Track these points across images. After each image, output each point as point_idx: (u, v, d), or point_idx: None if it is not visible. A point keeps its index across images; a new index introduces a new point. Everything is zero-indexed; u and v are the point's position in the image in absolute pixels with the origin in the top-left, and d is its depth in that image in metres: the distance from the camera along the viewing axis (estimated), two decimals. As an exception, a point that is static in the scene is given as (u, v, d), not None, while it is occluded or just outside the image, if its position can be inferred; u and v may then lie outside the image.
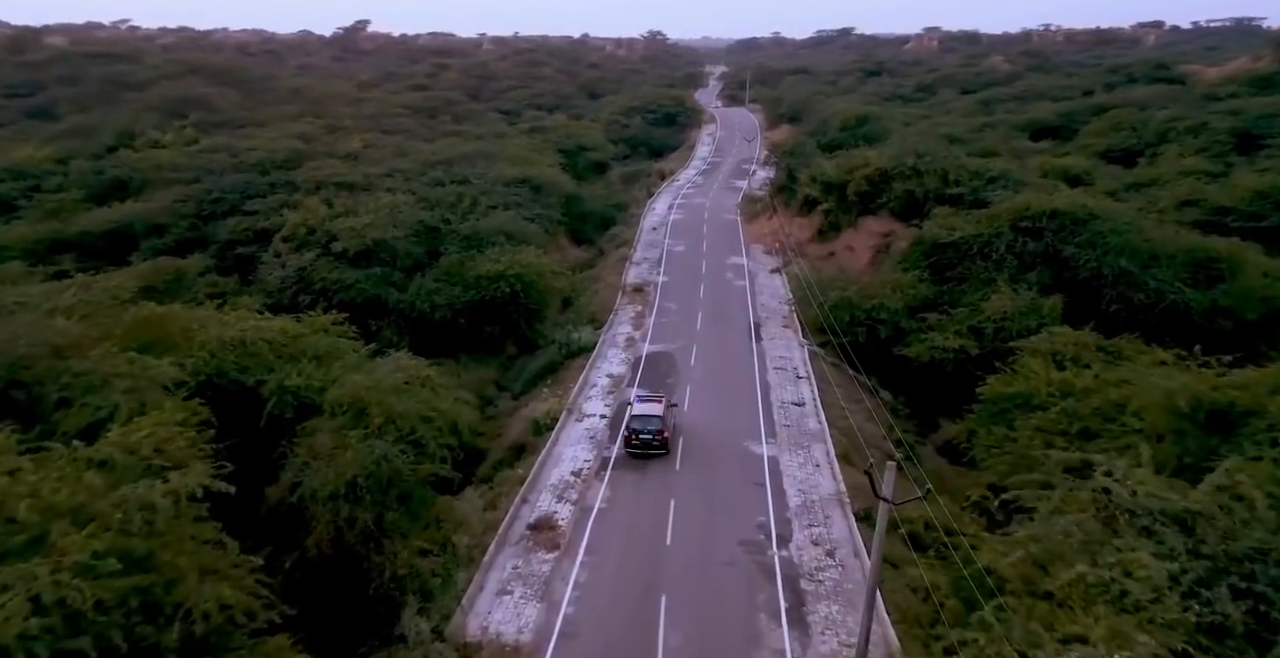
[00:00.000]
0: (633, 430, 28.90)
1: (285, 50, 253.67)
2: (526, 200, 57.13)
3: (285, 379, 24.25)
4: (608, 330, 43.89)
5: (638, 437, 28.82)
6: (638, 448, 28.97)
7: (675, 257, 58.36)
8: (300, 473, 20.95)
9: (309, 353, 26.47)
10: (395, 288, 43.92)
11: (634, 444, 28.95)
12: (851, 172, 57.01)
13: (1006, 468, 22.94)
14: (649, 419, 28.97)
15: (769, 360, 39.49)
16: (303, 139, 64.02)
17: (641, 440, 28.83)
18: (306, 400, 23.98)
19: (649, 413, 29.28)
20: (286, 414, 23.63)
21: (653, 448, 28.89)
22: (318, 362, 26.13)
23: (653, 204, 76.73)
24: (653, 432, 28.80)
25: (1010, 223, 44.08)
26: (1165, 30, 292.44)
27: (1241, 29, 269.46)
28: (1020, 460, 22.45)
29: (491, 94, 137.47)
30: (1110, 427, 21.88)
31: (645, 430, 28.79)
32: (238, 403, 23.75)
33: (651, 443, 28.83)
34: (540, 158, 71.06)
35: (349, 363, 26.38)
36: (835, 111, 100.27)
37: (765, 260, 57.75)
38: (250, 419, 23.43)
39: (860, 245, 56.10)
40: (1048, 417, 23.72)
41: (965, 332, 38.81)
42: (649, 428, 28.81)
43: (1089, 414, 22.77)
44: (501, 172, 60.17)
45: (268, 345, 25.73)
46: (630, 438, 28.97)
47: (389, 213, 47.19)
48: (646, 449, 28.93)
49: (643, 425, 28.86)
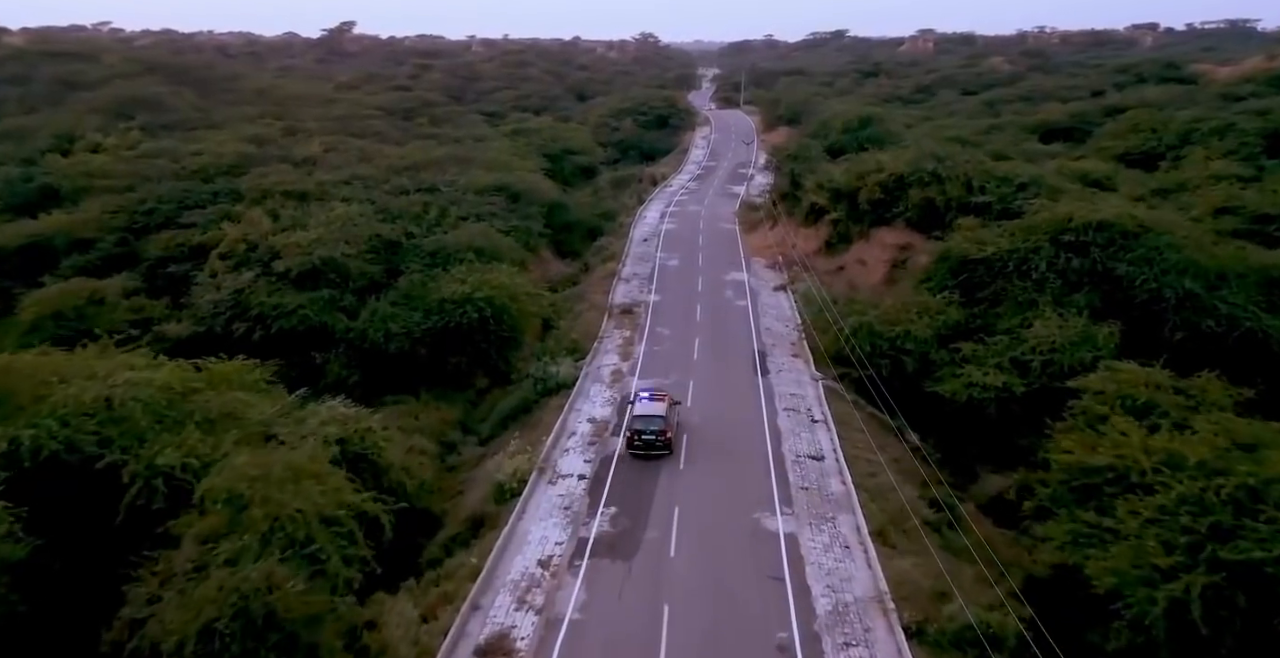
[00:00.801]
0: (635, 431, 28.24)
1: (268, 52, 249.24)
2: (503, 210, 51.34)
3: (157, 456, 18.42)
4: (591, 361, 38.15)
5: (640, 437, 28.16)
6: (640, 449, 28.27)
7: (668, 272, 52.66)
8: (143, 608, 15.05)
9: (200, 416, 20.61)
10: (345, 314, 38.05)
11: (636, 445, 28.27)
12: (863, 178, 51.50)
13: (1118, 580, 17.11)
14: (651, 419, 28.28)
15: (778, 399, 33.80)
16: (257, 142, 58.10)
17: (644, 441, 28.16)
18: (182, 485, 18.14)
19: (652, 413, 28.56)
20: (155, 506, 17.78)
21: (656, 448, 28.18)
22: (210, 427, 20.28)
23: (644, 212, 71.04)
24: (655, 432, 28.09)
25: (1050, 236, 38.58)
26: (1160, 32, 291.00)
27: (1236, 30, 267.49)
28: (1142, 572, 16.67)
29: (475, 95, 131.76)
30: (1259, 527, 16.28)
31: (648, 431, 28.10)
32: (90, 490, 17.91)
33: (655, 444, 28.15)
34: (521, 163, 65.35)
35: (249, 428, 20.49)
36: (836, 113, 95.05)
37: (768, 276, 52.10)
38: (105, 514, 17.58)
39: (873, 259, 50.56)
40: (1160, 503, 18.00)
41: (1007, 364, 33.26)
42: (652, 428, 28.11)
43: (1220, 505, 17.16)
44: (475, 178, 54.38)
45: (143, 407, 19.87)
46: (633, 439, 28.28)
47: (341, 226, 41.36)
48: (649, 450, 28.26)
49: (645, 426, 28.15)
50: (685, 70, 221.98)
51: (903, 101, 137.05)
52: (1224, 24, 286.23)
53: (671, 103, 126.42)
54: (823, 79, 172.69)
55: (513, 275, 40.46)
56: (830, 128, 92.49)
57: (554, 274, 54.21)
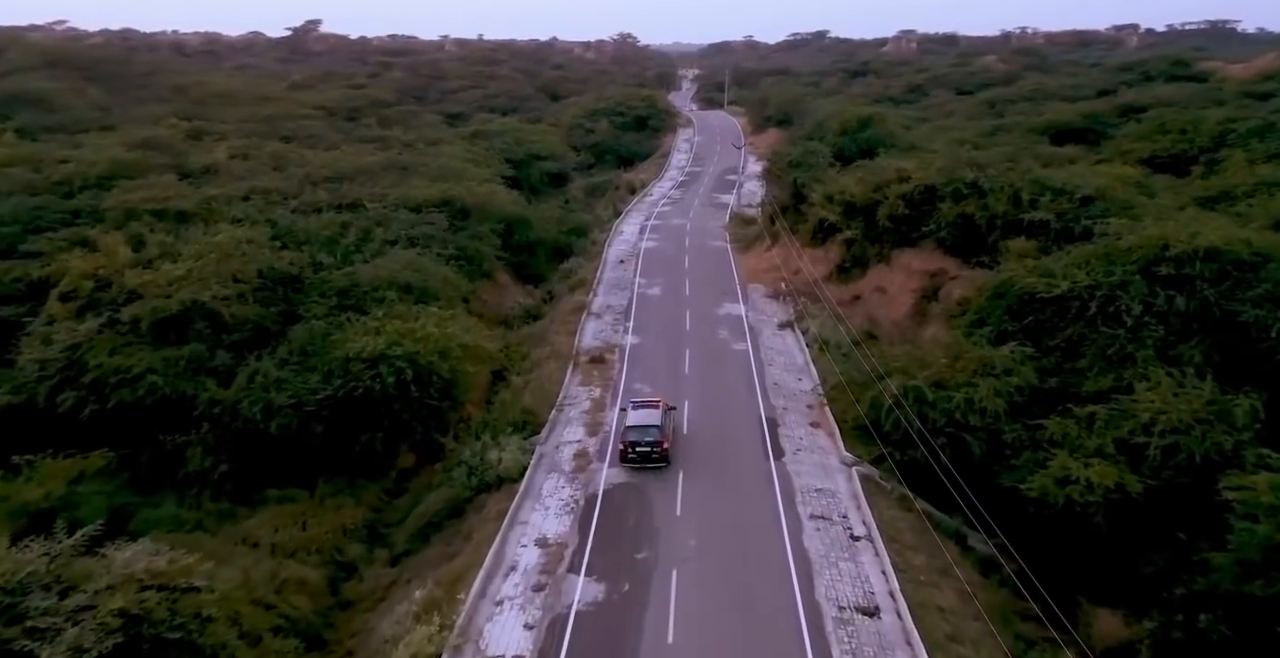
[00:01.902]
0: (629, 443, 26.23)
1: (230, 51, 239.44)
2: (445, 231, 41.78)
3: None
4: (547, 438, 28.79)
5: (634, 449, 26.17)
6: (635, 461, 26.27)
7: (649, 304, 43.36)
8: None
9: None
10: (215, 378, 28.32)
11: (631, 458, 26.28)
12: (882, 189, 42.59)
13: None
14: (646, 429, 26.21)
15: (801, 499, 24.63)
16: (149, 147, 48.15)
17: (639, 453, 26.14)
18: None
19: (646, 422, 26.40)
20: None
21: (651, 461, 26.14)
22: None
23: (620, 226, 61.80)
24: (651, 443, 26.09)
25: (1140, 267, 29.80)
26: (1142, 32, 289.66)
27: (1216, 31, 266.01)
28: None
29: (439, 95, 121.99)
30: None
31: (643, 442, 26.07)
32: None
33: (650, 456, 26.15)
34: (476, 170, 55.80)
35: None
36: (831, 113, 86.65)
37: (770, 309, 42.97)
38: None
39: (897, 287, 41.65)
40: None
41: (1110, 448, 24.38)
42: (647, 438, 26.09)
43: None
44: (414, 191, 44.68)
45: None
46: (626, 451, 26.27)
47: (223, 256, 31.61)
48: (645, 462, 26.18)
49: (640, 437, 26.12)
50: (665, 69, 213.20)
51: (894, 102, 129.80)
52: (1204, 25, 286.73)
53: (651, 103, 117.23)
54: (809, 79, 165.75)
55: (446, 322, 30.94)
56: (826, 129, 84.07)
57: (510, 306, 44.73)
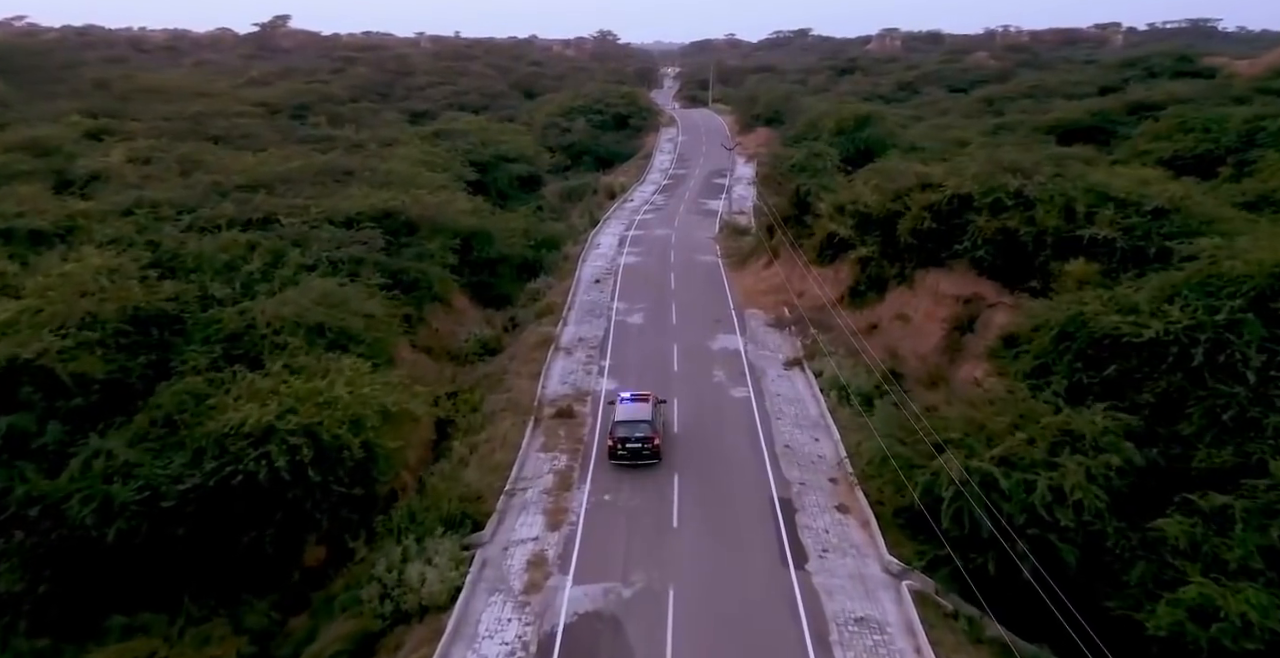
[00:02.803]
0: (618, 439, 24.32)
1: (194, 47, 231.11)
2: (383, 250, 34.56)
3: None
4: (494, 533, 21.79)
5: (624, 445, 24.26)
6: (626, 459, 24.32)
7: (628, 336, 36.41)
8: None
9: None
10: (40, 462, 21.00)
11: (620, 455, 24.34)
12: (903, 198, 35.97)
13: None
14: (637, 424, 24.37)
15: (835, 634, 17.82)
16: (32, 149, 40.38)
17: (629, 449, 24.25)
18: None
19: (636, 417, 24.62)
20: None
21: (643, 458, 24.30)
22: None
23: (597, 237, 54.83)
24: (642, 439, 24.18)
25: (1249, 301, 23.37)
26: (1125, 31, 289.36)
27: (1198, 30, 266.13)
28: None
29: (405, 92, 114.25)
30: None
31: (633, 438, 24.19)
32: None
33: (641, 452, 24.27)
34: (431, 176, 48.53)
35: None
36: (825, 112, 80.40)
37: (773, 341, 36.15)
38: None
39: (922, 315, 35.03)
40: None
41: (1258, 562, 17.84)
42: (637, 434, 24.21)
43: None
44: (346, 202, 37.31)
45: None
46: (615, 447, 24.35)
47: (73, 293, 24.25)
48: (636, 460, 24.32)
49: (630, 432, 24.26)
50: (646, 66, 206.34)
51: (884, 99, 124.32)
52: (1185, 23, 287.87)
53: (632, 100, 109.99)
54: (795, 76, 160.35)
55: (364, 379, 23.77)
56: (820, 128, 77.90)
57: (463, 339, 37.56)
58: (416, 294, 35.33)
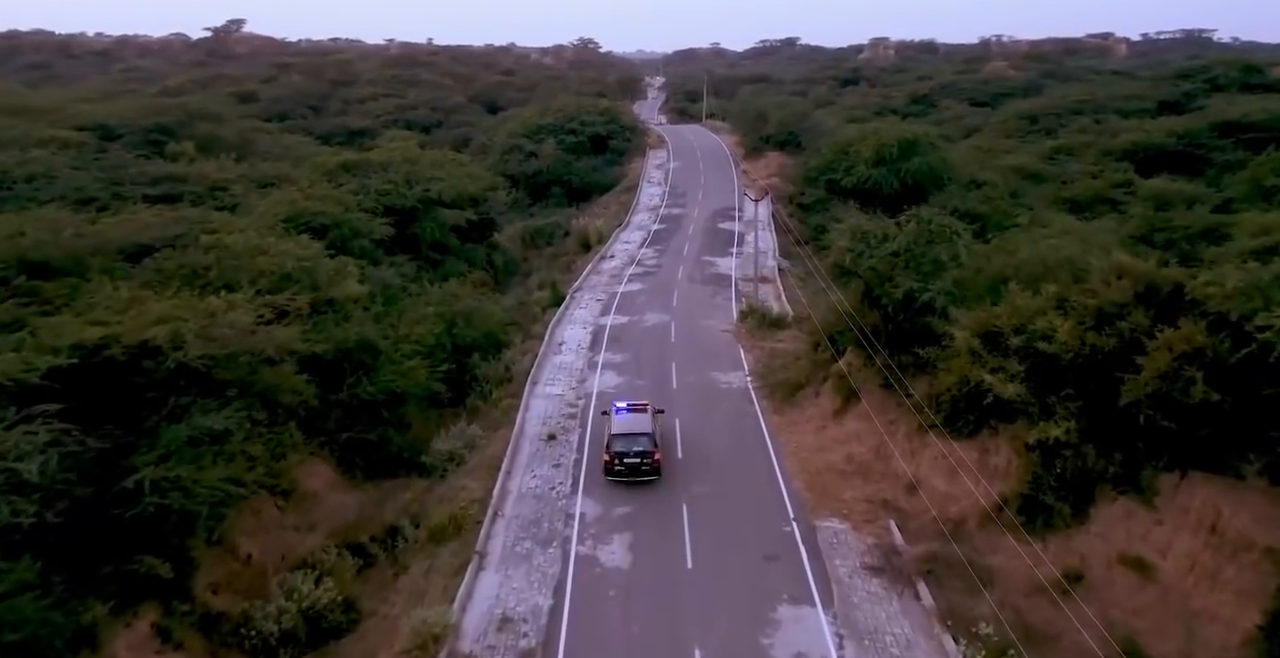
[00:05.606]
0: (616, 454, 22.37)
1: (142, 53, 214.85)
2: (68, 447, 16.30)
3: None
4: None
5: (622, 460, 22.32)
6: (624, 475, 22.38)
7: (605, 617, 18.50)
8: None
9: None
10: None
11: (618, 470, 22.43)
12: (1120, 322, 18.47)
13: None
14: (636, 438, 22.41)
15: None
16: None
17: (628, 465, 22.33)
18: None
19: (636, 430, 22.59)
20: None
21: (642, 474, 22.38)
22: None
23: (560, 330, 37.02)
24: (641, 453, 22.26)
25: None
26: (1118, 40, 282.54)
27: (1194, 40, 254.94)
28: None
29: (341, 106, 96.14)
30: None
31: (631, 452, 22.29)
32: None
33: (640, 467, 22.37)
34: (288, 245, 29.98)
35: None
36: (857, 135, 63.73)
37: (880, 614, 18.32)
38: None
39: (1182, 566, 17.57)
40: None
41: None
42: (635, 448, 22.29)
43: None
44: (47, 337, 18.96)
45: None
46: (612, 462, 22.45)
47: None
48: (635, 476, 22.37)
49: (628, 446, 22.35)
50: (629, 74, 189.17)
51: (898, 114, 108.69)
52: (1179, 34, 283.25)
53: (612, 116, 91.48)
54: (793, 87, 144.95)
55: None
56: (854, 157, 61.22)
57: (269, 603, 19.27)
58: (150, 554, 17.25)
